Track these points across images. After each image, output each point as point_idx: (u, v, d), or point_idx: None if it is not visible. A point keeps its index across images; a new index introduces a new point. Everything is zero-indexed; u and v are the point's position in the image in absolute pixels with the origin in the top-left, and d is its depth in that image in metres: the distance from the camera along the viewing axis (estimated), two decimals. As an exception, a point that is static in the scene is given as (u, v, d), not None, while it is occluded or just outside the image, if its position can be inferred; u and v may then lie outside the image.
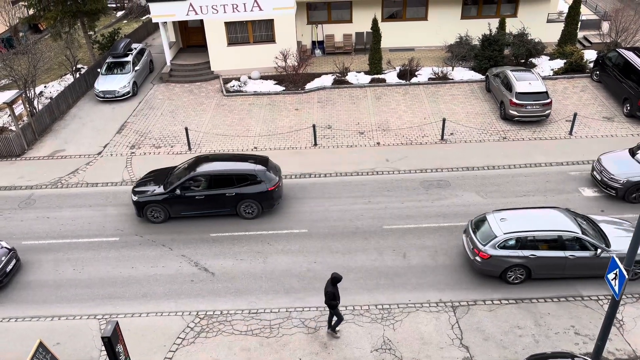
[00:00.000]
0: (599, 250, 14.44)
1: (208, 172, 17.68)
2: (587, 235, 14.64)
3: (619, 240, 14.83)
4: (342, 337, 13.84)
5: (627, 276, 10.03)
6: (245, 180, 17.64)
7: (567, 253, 14.49)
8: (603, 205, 17.85)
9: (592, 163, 19.18)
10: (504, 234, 14.61)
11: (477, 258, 14.81)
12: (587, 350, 13.13)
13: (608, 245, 14.66)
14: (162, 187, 17.92)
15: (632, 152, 18.37)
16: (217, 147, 22.33)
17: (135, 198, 17.88)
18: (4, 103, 22.52)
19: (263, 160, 18.29)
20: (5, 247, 16.16)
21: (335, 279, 13.04)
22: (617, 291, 10.38)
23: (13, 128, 24.05)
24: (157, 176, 18.71)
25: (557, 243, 14.54)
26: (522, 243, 14.57)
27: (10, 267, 15.94)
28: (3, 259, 15.78)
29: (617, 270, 10.26)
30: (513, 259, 14.52)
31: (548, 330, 13.72)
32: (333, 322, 13.82)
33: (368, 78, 27.08)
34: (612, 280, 10.48)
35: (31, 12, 31.51)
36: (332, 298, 13.07)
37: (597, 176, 18.25)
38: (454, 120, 23.19)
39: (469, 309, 14.45)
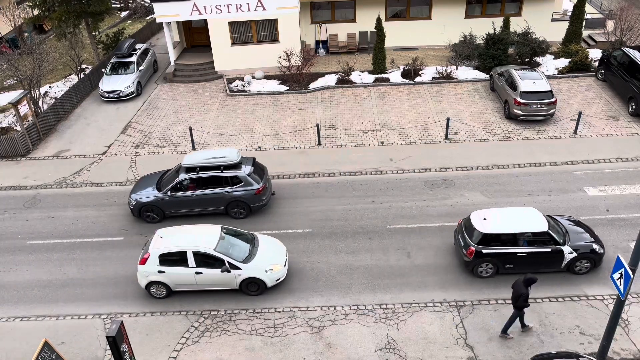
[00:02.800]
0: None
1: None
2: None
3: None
4: (346, 336, 13.84)
5: (632, 275, 10.00)
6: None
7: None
8: (608, 205, 17.78)
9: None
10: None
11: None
12: (592, 350, 13.08)
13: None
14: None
15: None
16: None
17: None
18: (9, 103, 22.65)
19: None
20: None
21: (530, 281, 12.79)
22: (622, 291, 10.35)
23: (18, 128, 24.15)
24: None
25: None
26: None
27: None
28: None
29: (623, 269, 10.23)
30: None
31: (553, 330, 13.68)
32: (505, 324, 13.59)
33: (372, 77, 27.05)
34: (617, 279, 10.44)
35: (36, 12, 31.60)
36: (525, 300, 12.85)
37: None
38: (458, 120, 23.15)
39: (474, 308, 14.43)
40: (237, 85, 27.28)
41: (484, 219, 15.10)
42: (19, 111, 22.66)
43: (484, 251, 14.79)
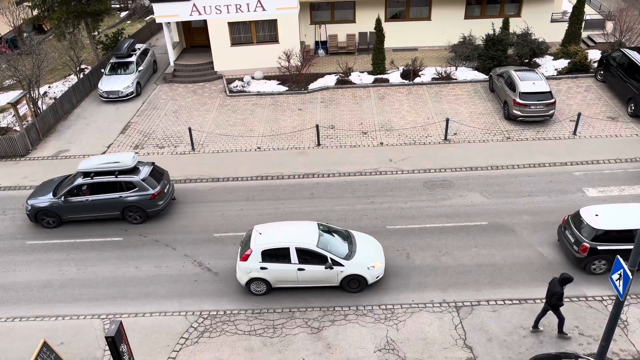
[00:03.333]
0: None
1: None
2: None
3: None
4: (345, 337, 13.84)
5: (631, 276, 10.00)
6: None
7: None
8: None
9: None
10: None
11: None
12: (591, 350, 13.08)
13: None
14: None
15: None
16: (221, 147, 22.36)
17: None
18: (8, 103, 22.61)
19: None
20: None
21: (566, 280, 12.75)
22: (621, 292, 10.35)
23: (17, 128, 24.13)
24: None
25: None
26: None
27: None
28: None
29: (622, 270, 10.23)
30: None
31: (552, 331, 13.68)
32: (553, 324, 13.59)
33: (371, 78, 27.06)
34: (616, 280, 10.44)
35: (35, 12, 31.60)
36: (559, 299, 12.80)
37: None
38: (457, 120, 23.16)
39: (473, 309, 14.43)
40: (237, 86, 27.28)
41: (596, 215, 14.97)
42: (18, 111, 22.64)
43: (599, 248, 14.69)
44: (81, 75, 28.81)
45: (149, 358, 13.61)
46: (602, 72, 25.46)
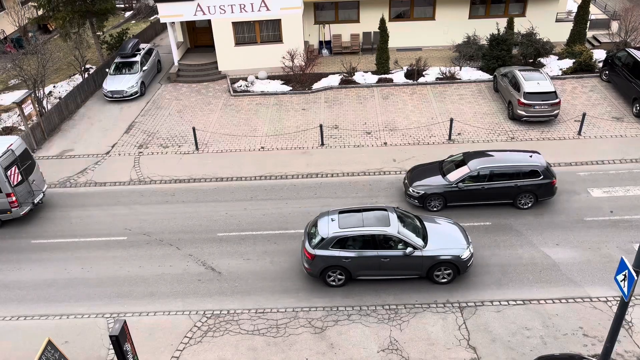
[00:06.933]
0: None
1: None
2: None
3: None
4: (349, 337, 13.83)
5: (636, 277, 9.95)
6: None
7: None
8: (612, 207, 17.72)
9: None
10: None
11: None
12: (595, 352, 13.03)
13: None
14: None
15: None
16: (224, 147, 22.39)
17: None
18: (13, 103, 22.73)
19: None
20: None
21: None
22: (626, 292, 10.30)
23: (22, 128, 24.23)
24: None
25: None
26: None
27: None
28: None
29: (627, 271, 10.18)
30: None
31: (556, 332, 13.64)
32: None
33: (375, 78, 27.04)
34: (621, 281, 10.40)
35: (40, 12, 31.72)
36: None
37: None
38: (461, 120, 23.11)
39: (476, 309, 14.40)
40: (241, 86, 27.31)
41: None
42: (23, 111, 22.74)
43: None
44: (86, 75, 28.90)
45: (153, 357, 13.64)
46: (607, 72, 25.36)
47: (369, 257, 14.60)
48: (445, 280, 14.97)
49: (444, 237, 15.10)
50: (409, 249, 14.47)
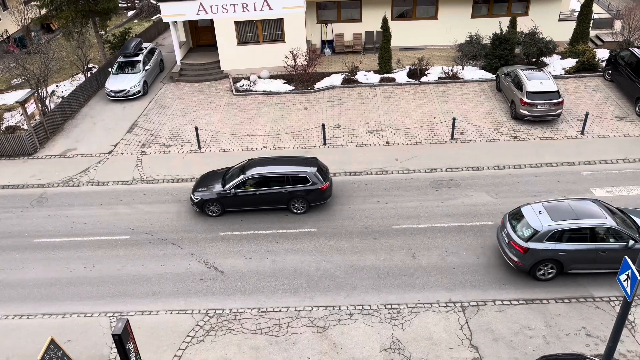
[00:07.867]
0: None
1: None
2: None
3: None
4: (351, 336, 13.83)
5: (638, 277, 9.93)
6: None
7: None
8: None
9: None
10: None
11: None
12: (598, 351, 13.02)
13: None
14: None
15: None
16: (227, 146, 22.40)
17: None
18: (16, 102, 22.77)
19: None
20: None
21: None
22: (629, 292, 10.28)
23: (25, 127, 24.29)
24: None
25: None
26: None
27: None
28: None
29: (630, 271, 10.16)
30: None
31: (559, 332, 13.62)
32: None
33: (377, 77, 27.02)
34: (624, 281, 10.38)
35: (43, 12, 31.77)
36: None
37: None
38: (464, 120, 23.09)
39: (479, 309, 14.38)
40: (243, 85, 27.32)
41: None
42: (26, 110, 22.79)
43: None
44: (88, 75, 28.95)
45: (155, 356, 13.66)
46: (610, 71, 25.30)
47: (587, 250, 14.35)
48: None
49: None
50: (631, 242, 14.17)
